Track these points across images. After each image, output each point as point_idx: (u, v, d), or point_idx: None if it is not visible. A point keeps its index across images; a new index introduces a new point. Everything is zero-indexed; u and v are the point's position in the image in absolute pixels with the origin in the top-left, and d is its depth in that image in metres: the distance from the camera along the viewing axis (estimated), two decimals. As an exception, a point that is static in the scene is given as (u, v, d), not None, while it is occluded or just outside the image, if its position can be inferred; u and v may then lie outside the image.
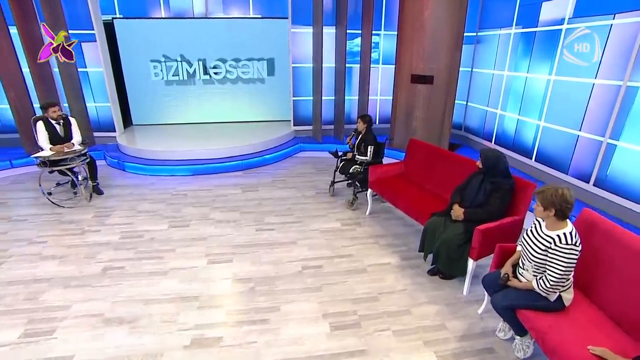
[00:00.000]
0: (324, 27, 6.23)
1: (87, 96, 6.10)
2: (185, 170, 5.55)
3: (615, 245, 2.06)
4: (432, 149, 3.78)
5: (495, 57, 5.63)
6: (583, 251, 2.20)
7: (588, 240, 2.19)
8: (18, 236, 3.67)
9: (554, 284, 1.92)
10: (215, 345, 2.32)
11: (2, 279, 3.00)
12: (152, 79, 6.99)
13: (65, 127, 4.24)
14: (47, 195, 4.32)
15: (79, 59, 5.81)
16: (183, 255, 3.35)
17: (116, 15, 6.44)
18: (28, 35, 5.24)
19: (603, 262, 2.11)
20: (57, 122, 4.16)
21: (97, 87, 6.19)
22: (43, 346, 2.32)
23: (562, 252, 1.88)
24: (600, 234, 2.17)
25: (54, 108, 4.08)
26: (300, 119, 7.13)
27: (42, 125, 4.07)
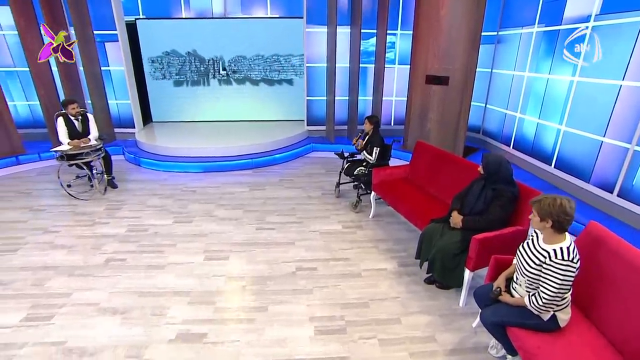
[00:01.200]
0: (340, 26, 6.20)
1: (109, 94, 6.39)
2: (197, 167, 5.68)
3: (623, 265, 1.88)
4: (438, 152, 3.65)
5: (516, 57, 5.36)
6: (587, 268, 2.05)
7: (593, 256, 2.03)
8: (35, 225, 3.90)
9: (546, 302, 1.78)
10: (199, 342, 2.35)
11: (15, 265, 3.19)
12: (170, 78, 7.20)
13: (83, 123, 4.45)
14: (65, 187, 4.55)
15: (102, 58, 6.09)
16: (182, 251, 3.42)
17: (139, 16, 6.69)
18: (57, 36, 5.55)
19: (608, 282, 1.94)
20: (76, 118, 4.38)
21: (119, 85, 6.47)
22: (41, 331, 2.44)
23: (557, 268, 1.74)
24: (607, 250, 1.99)
25: (73, 105, 4.30)
26: (314, 118, 7.12)
27: (62, 121, 4.30)
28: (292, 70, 7.31)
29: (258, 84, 7.45)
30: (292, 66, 7.27)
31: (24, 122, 6.34)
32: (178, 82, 7.30)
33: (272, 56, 7.21)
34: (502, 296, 2.00)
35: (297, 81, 7.30)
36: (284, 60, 7.24)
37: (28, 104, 6.34)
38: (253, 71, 7.31)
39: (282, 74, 7.35)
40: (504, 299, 1.99)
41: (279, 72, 7.34)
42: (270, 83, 7.44)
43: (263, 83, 7.44)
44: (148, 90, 7.27)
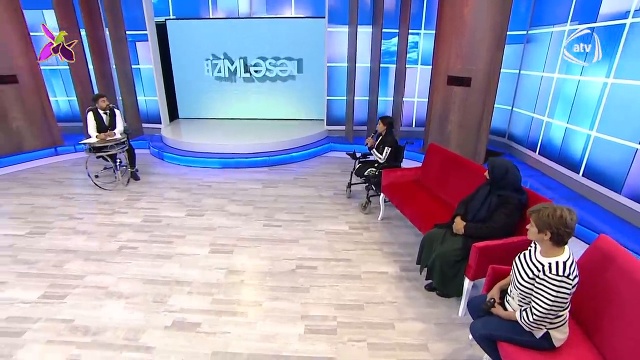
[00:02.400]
0: (362, 26, 6.15)
1: (138, 90, 6.74)
2: (215, 162, 5.86)
3: (632, 284, 1.73)
4: (449, 155, 3.52)
5: (546, 57, 5.05)
6: (593, 284, 1.91)
7: (601, 272, 1.88)
8: (63, 211, 4.20)
9: (537, 318, 1.67)
10: (192, 330, 2.43)
11: (42, 246, 3.46)
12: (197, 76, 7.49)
13: (111, 117, 4.75)
14: (92, 177, 4.86)
15: (132, 56, 6.44)
16: (190, 243, 3.55)
17: (169, 17, 7.01)
18: (94, 37, 5.96)
19: (615, 301, 1.78)
20: (105, 112, 4.67)
21: (148, 82, 6.81)
22: (54, 308, 2.64)
23: (551, 283, 1.63)
24: (616, 267, 1.83)
25: (103, 98, 4.60)
26: (334, 118, 7.11)
27: (92, 116, 4.61)
28: (313, 70, 7.34)
29: (280, 83, 7.55)
30: (314, 66, 7.30)
31: (64, 116, 6.85)
32: (205, 80, 7.56)
33: (294, 55, 7.28)
34: (495, 308, 1.90)
35: (318, 81, 7.32)
36: (306, 59, 7.29)
37: (68, 99, 6.84)
38: (275, 70, 7.42)
39: (303, 73, 7.40)
40: (496, 312, 1.89)
41: (300, 71, 7.40)
42: (292, 82, 7.52)
43: (284, 82, 7.53)
44: (175, 88, 7.59)
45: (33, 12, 6.03)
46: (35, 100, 5.69)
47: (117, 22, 5.91)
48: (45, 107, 5.87)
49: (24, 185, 4.97)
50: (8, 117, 5.48)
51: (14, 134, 5.60)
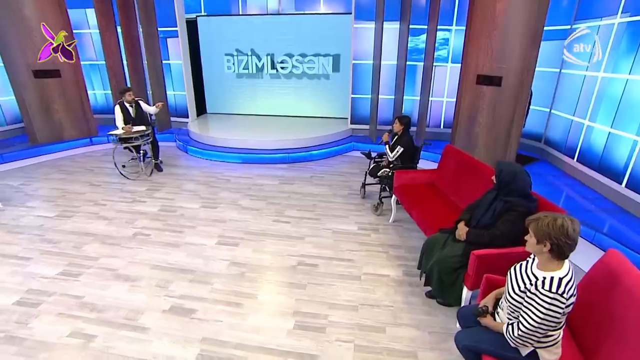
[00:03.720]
0: (390, 22, 6.10)
1: (168, 85, 7.17)
2: (236, 157, 6.09)
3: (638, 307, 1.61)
4: (464, 157, 3.42)
5: (591, 54, 4.71)
6: (597, 304, 1.80)
7: (606, 290, 1.76)
8: (90, 197, 4.60)
9: (522, 334, 1.61)
10: (187, 316, 2.58)
11: (67, 228, 3.83)
12: (225, 72, 7.81)
13: (136, 109, 5.12)
14: (118, 167, 5.26)
15: (163, 52, 6.86)
16: (199, 233, 3.75)
17: (201, 13, 7.38)
18: (129, 34, 6.43)
19: (618, 324, 1.66)
20: (131, 105, 5.04)
21: (177, 77, 7.22)
22: (68, 284, 2.92)
23: (541, 299, 1.55)
24: (623, 287, 1.69)
25: (129, 92, 4.97)
26: (358, 117, 7.10)
27: (119, 108, 4.99)
28: (340, 67, 7.38)
29: (306, 80, 7.67)
30: (340, 63, 7.35)
31: (100, 109, 7.45)
32: (232, 76, 7.87)
33: (321, 52, 7.36)
34: (485, 318, 1.85)
35: (344, 78, 7.35)
36: (333, 57, 7.35)
37: (104, 92, 7.43)
38: (301, 67, 7.55)
39: (329, 70, 7.47)
40: (485, 322, 1.84)
41: (326, 69, 7.47)
42: (318, 80, 7.61)
43: (310, 79, 7.64)
44: (204, 83, 7.98)
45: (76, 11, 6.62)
46: (75, 93, 6.25)
47: (149, 19, 6.34)
48: (84, 100, 6.42)
49: (60, 171, 5.50)
50: (51, 109, 6.08)
51: (56, 125, 6.20)
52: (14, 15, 5.50)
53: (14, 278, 3.01)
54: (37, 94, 5.89)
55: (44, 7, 5.70)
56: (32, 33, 5.67)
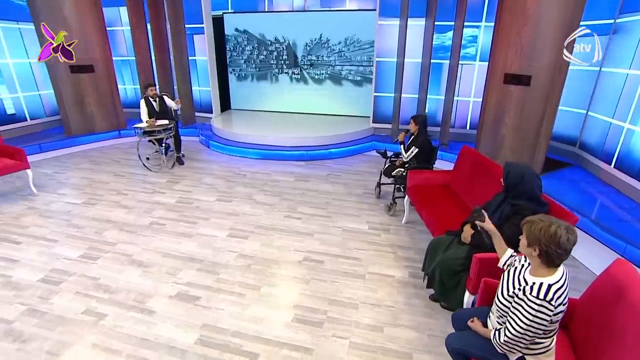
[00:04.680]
0: (416, 19, 6.05)
1: (193, 81, 7.50)
2: (255, 153, 6.28)
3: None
4: (479, 158, 3.36)
5: (635, 51, 4.45)
6: (599, 316, 1.74)
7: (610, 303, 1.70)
8: (114, 187, 4.93)
9: (508, 340, 1.59)
10: (191, 302, 2.74)
11: (90, 215, 4.14)
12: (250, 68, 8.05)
13: (160, 103, 5.42)
14: (142, 159, 5.59)
15: (190, 49, 7.19)
16: (212, 225, 3.93)
17: (227, 10, 7.65)
18: (157, 31, 6.80)
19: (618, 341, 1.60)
20: (154, 100, 5.35)
21: (202, 73, 7.53)
22: (86, 266, 3.18)
23: (528, 305, 1.53)
24: (627, 301, 1.61)
25: (151, 87, 5.29)
26: (381, 116, 7.09)
27: (144, 103, 5.32)
28: (363, 65, 7.40)
29: (329, 78, 7.75)
30: (364, 60, 7.36)
31: (130, 103, 7.92)
32: (254, 73, 8.09)
33: (345, 50, 7.41)
34: (474, 323, 1.85)
35: (368, 76, 7.36)
36: (357, 54, 7.38)
37: (134, 87, 7.89)
38: (325, 65, 7.64)
39: (353, 68, 7.50)
40: (474, 327, 1.84)
41: (350, 67, 7.51)
42: (341, 77, 7.67)
43: (334, 77, 7.71)
44: (229, 79, 8.26)
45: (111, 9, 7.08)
46: (106, 87, 6.70)
47: (177, 16, 6.67)
48: (114, 94, 6.87)
49: (89, 162, 5.92)
50: (84, 102, 6.55)
51: (88, 117, 6.67)
52: (54, 15, 5.98)
53: (41, 257, 3.31)
54: (72, 88, 6.37)
55: (81, 6, 6.15)
56: (70, 32, 6.12)
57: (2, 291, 2.86)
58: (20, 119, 6.67)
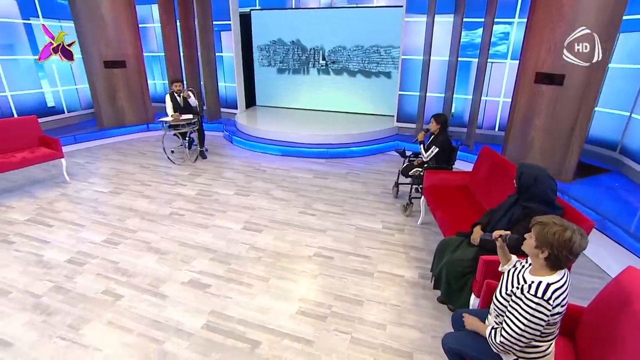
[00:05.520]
0: (444, 15, 5.99)
1: (220, 77, 7.78)
2: (276, 149, 6.45)
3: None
4: (498, 160, 3.31)
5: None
6: (606, 325, 1.72)
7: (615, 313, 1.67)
8: (138, 178, 5.25)
9: (504, 341, 1.59)
10: (201, 289, 2.91)
11: (115, 203, 4.45)
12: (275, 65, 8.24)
13: (184, 99, 5.69)
14: (166, 152, 5.90)
15: (217, 45, 7.47)
16: (228, 218, 4.11)
17: (255, 7, 7.88)
18: (186, 27, 7.13)
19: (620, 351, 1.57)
20: (178, 95, 5.63)
21: (229, 69, 7.80)
22: (109, 251, 3.44)
23: (525, 304, 1.53)
24: (633, 312, 1.58)
25: (177, 83, 5.57)
26: (405, 115, 7.06)
27: (169, 98, 5.61)
28: (390, 63, 7.39)
29: (355, 76, 7.80)
30: (391, 58, 7.35)
31: (159, 97, 8.34)
32: (281, 69, 8.28)
33: (371, 47, 7.43)
34: (468, 318, 1.87)
35: (394, 74, 7.34)
36: (383, 52, 7.38)
37: (163, 82, 8.30)
38: (351, 62, 7.69)
39: (380, 66, 7.51)
40: (469, 322, 1.85)
41: (377, 64, 7.52)
42: (367, 75, 7.70)
43: (360, 75, 7.75)
44: (255, 75, 8.50)
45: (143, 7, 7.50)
46: (137, 82, 7.11)
47: (205, 13, 6.97)
48: (144, 89, 7.27)
49: (118, 153, 6.32)
50: (116, 97, 6.99)
51: (119, 111, 7.11)
52: (92, 13, 6.42)
53: (69, 240, 3.62)
54: (105, 83, 6.82)
55: (117, 5, 6.57)
56: (106, 28, 6.57)
57: (34, 268, 3.16)
58: (59, 111, 7.22)
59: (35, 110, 6.65)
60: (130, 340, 2.41)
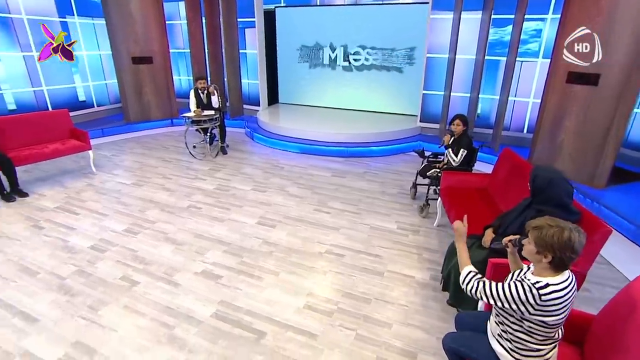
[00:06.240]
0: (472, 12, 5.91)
1: (243, 74, 8.01)
2: (296, 147, 6.58)
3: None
4: (517, 161, 3.27)
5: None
6: (613, 335, 1.71)
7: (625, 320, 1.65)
8: (160, 171, 5.52)
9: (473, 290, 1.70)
10: (213, 280, 3.06)
11: (137, 194, 4.71)
12: (298, 63, 8.38)
13: (208, 96, 5.92)
14: (188, 146, 6.16)
15: (241, 42, 7.69)
16: (244, 212, 4.26)
17: (280, 4, 8.05)
18: (211, 25, 7.40)
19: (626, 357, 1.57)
20: (202, 92, 5.86)
21: (252, 66, 8.01)
22: (128, 240, 3.66)
23: (516, 283, 1.57)
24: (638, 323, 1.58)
25: (201, 81, 5.80)
26: (428, 115, 7.01)
27: (193, 94, 5.86)
28: (413, 62, 7.35)
29: (378, 74, 7.81)
30: (414, 57, 7.32)
31: (183, 93, 8.68)
32: (305, 67, 8.41)
33: (395, 45, 7.42)
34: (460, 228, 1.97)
35: (418, 73, 7.30)
36: (407, 50, 7.35)
37: (188, 78, 8.63)
38: (374, 60, 7.72)
39: (403, 64, 7.49)
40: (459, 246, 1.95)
41: (400, 63, 7.50)
42: (390, 74, 7.69)
43: (383, 73, 7.76)
44: (278, 73, 8.68)
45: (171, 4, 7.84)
46: (162, 78, 7.45)
47: (230, 10, 7.20)
48: (169, 84, 7.61)
49: (142, 147, 6.65)
50: (142, 92, 7.35)
51: (145, 106, 7.47)
52: (122, 10, 6.79)
53: (92, 228, 3.88)
54: (132, 78, 7.19)
55: (146, 2, 6.92)
56: (135, 25, 6.93)
57: (61, 252, 3.43)
58: (89, 105, 7.68)
59: (68, 104, 7.11)
60: (143, 324, 2.58)
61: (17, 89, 6.57)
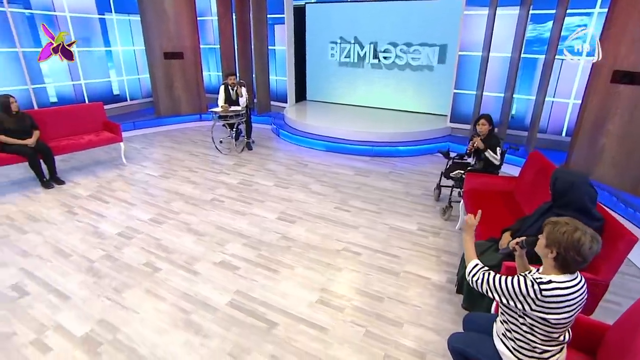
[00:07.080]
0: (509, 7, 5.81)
1: (271, 70, 8.24)
2: (321, 145, 6.71)
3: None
4: (545, 164, 3.22)
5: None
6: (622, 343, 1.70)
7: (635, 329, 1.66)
8: (187, 164, 5.82)
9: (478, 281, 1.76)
10: (231, 270, 3.24)
11: (163, 186, 5.01)
12: (328, 59, 8.51)
13: (237, 92, 6.16)
14: (214, 141, 6.44)
15: (270, 38, 7.91)
16: (265, 207, 4.44)
17: (310, 0, 8.21)
18: (241, 21, 7.67)
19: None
20: (232, 88, 6.12)
21: (280, 63, 8.22)
22: (153, 229, 3.93)
23: (520, 276, 1.61)
24: None
25: (231, 77, 6.06)
26: (459, 115, 6.93)
27: (222, 89, 6.12)
28: (446, 59, 7.28)
29: (407, 72, 7.80)
30: (446, 54, 7.24)
31: (213, 88, 9.03)
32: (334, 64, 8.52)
33: (427, 42, 7.38)
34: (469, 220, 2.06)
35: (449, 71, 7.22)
36: (440, 47, 7.29)
37: (217, 74, 8.98)
38: (405, 58, 7.70)
39: (434, 62, 7.43)
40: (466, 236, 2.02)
41: (431, 60, 7.45)
42: (420, 72, 7.66)
43: (412, 71, 7.73)
44: (306, 70, 8.84)
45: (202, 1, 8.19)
46: (192, 73, 7.81)
47: (260, 6, 7.44)
48: (199, 80, 7.96)
49: (171, 140, 7.02)
50: (173, 86, 7.74)
51: (175, 100, 7.86)
52: (157, 7, 7.19)
53: (120, 216, 4.18)
54: (164, 73, 7.59)
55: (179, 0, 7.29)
56: (168, 22, 7.31)
57: (91, 238, 3.74)
58: (122, 99, 8.18)
59: (103, 97, 7.61)
60: (163, 308, 2.79)
61: (58, 82, 7.12)
